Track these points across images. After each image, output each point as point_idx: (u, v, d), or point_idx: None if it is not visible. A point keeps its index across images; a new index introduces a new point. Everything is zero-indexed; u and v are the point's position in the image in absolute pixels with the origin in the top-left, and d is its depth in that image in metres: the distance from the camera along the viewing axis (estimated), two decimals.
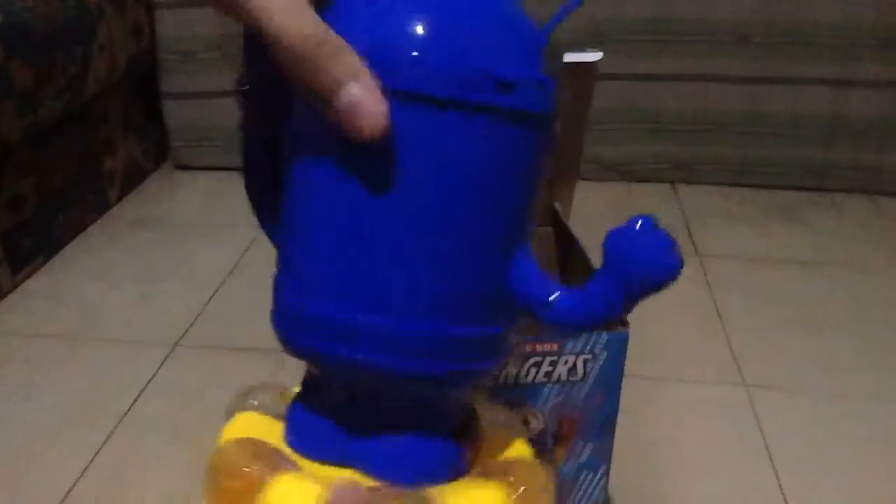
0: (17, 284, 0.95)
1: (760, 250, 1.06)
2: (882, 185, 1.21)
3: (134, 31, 1.16)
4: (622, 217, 0.31)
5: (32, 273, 0.98)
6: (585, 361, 0.49)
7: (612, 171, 1.23)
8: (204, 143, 1.26)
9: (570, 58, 0.50)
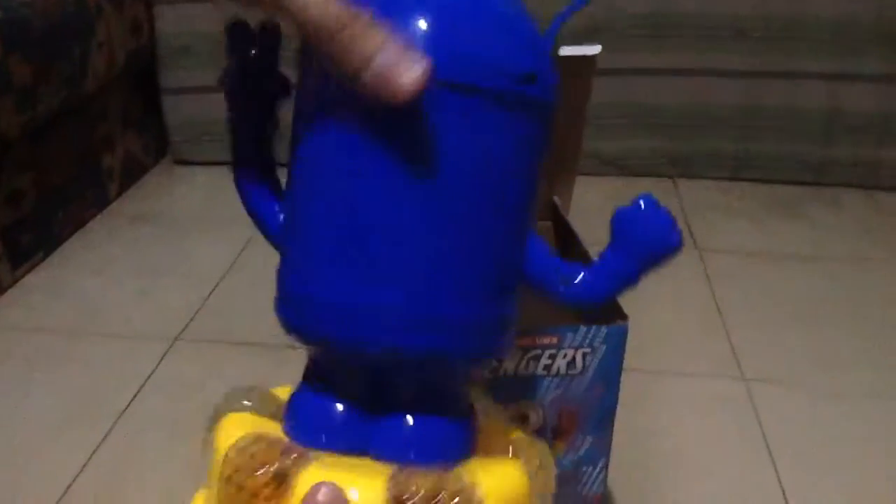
0: (16, 280, 0.95)
1: (759, 245, 1.06)
2: (880, 179, 1.21)
3: (133, 27, 1.16)
4: None
5: (32, 268, 0.98)
6: (584, 355, 0.49)
7: (611, 165, 1.23)
8: (203, 138, 1.26)
9: (568, 51, 0.50)
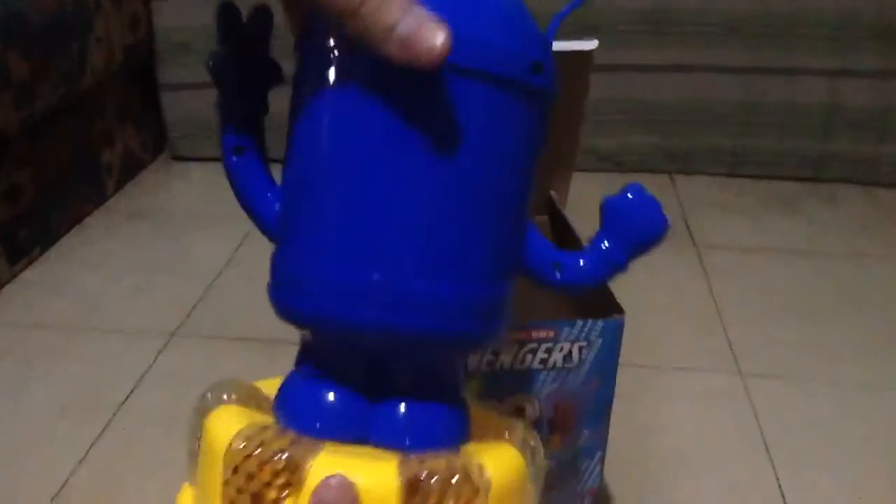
0: (14, 275, 0.95)
1: (757, 241, 1.06)
2: (878, 175, 1.21)
3: (131, 22, 1.16)
4: None
5: (30, 264, 0.98)
6: (581, 348, 0.49)
7: (609, 161, 1.23)
8: (201, 134, 1.26)
9: (566, 46, 0.50)
